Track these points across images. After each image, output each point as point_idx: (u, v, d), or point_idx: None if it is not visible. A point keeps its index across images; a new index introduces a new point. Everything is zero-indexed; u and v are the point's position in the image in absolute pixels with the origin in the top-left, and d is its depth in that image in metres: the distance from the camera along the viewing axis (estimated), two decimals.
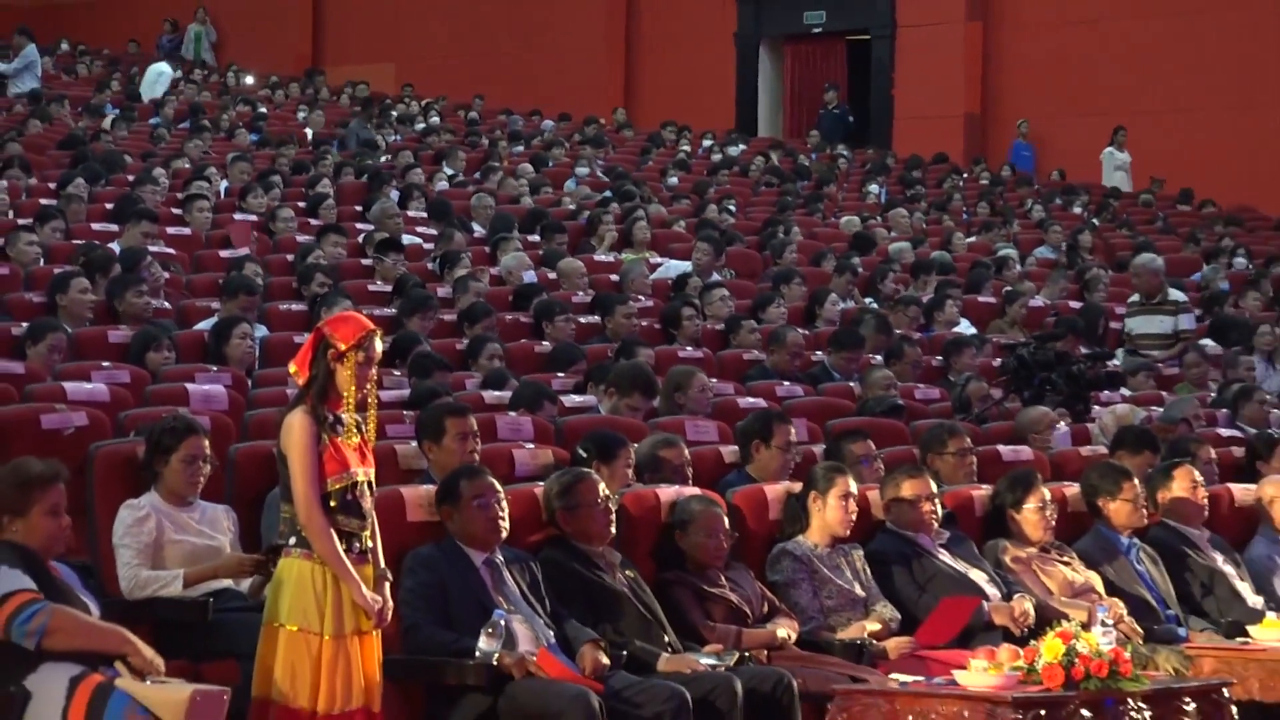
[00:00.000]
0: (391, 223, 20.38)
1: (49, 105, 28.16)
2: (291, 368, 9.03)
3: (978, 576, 11.11)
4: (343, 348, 8.82)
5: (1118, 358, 19.04)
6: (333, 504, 8.71)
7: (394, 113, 31.64)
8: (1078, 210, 31.01)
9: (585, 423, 12.38)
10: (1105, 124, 35.56)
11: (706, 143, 33.85)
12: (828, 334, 17.84)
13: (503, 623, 9.38)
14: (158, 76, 34.53)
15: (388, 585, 8.98)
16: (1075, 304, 21.80)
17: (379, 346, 8.95)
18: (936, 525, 11.20)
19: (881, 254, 23.67)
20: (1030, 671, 9.23)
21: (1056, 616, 10.53)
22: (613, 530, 10.18)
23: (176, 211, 20.06)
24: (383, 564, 8.96)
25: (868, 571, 10.94)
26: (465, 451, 10.69)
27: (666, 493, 10.79)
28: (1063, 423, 15.11)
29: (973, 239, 26.33)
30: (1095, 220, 30.01)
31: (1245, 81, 34.88)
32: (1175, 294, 21.12)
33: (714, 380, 14.78)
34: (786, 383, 15.79)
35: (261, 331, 15.07)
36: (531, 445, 11.81)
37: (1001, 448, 13.71)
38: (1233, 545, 12.30)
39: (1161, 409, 16.28)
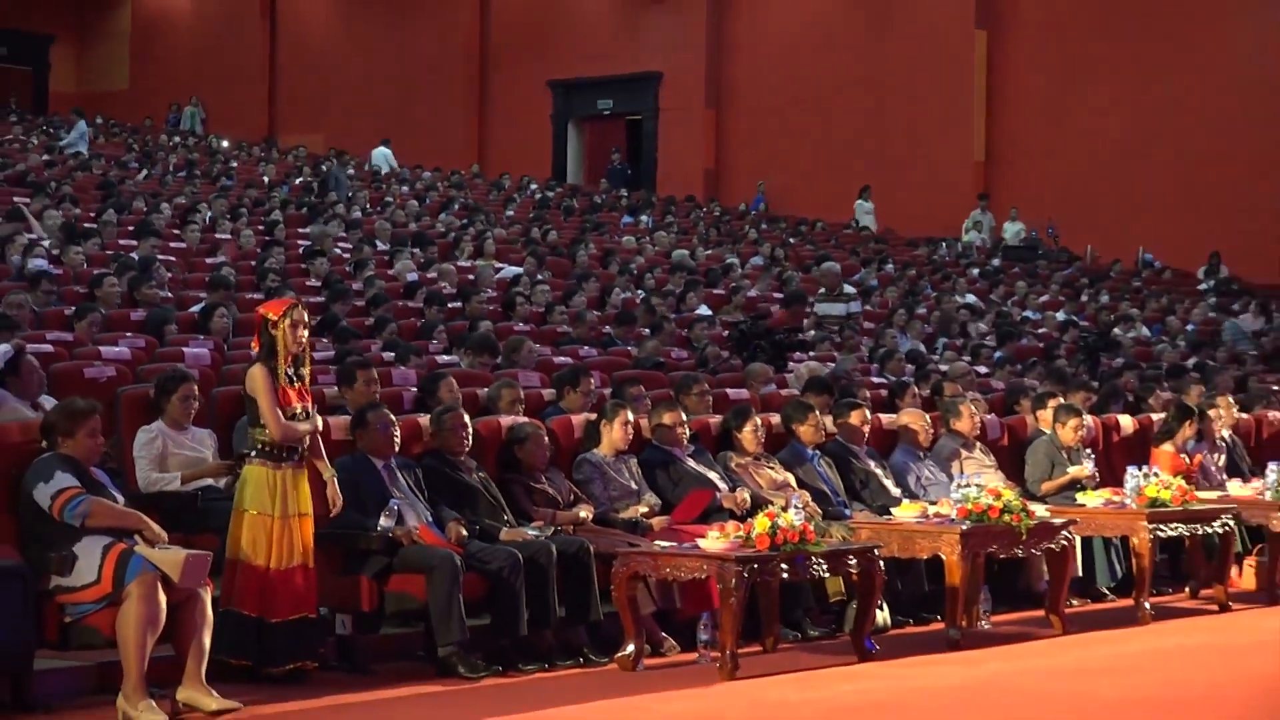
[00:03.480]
0: (324, 240, 20.28)
1: (91, 160, 27.80)
2: (253, 345, 9.06)
3: (713, 476, 11.12)
4: (274, 318, 8.85)
5: (804, 330, 19.18)
6: None
7: (324, 166, 31.29)
8: (776, 233, 31.14)
9: (452, 374, 12.32)
10: (799, 172, 36.04)
11: (532, 187, 33.74)
12: (613, 315, 17.88)
13: (396, 508, 9.37)
14: (384, 159, 34.42)
15: (335, 480, 9.01)
16: (778, 295, 21.91)
17: (303, 314, 8.96)
18: (685, 442, 11.23)
19: (653, 261, 23.76)
20: (747, 539, 9.27)
21: (765, 503, 10.58)
22: (469, 445, 10.17)
23: (176, 232, 19.88)
24: (330, 467, 9.07)
25: (640, 473, 10.94)
26: (369, 391, 10.67)
27: (505, 420, 10.77)
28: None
29: (709, 252, 26.35)
30: (791, 239, 30.16)
31: (887, 140, 35.31)
32: (848, 288, 21.29)
33: (538, 346, 14.76)
34: (586, 347, 15.79)
35: (234, 313, 14.94)
36: (414, 389, 11.80)
37: (729, 390, 13.75)
38: (881, 455, 12.38)
39: (834, 365, 16.42)
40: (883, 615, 10.83)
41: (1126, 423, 14.60)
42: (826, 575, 9.82)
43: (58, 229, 18.14)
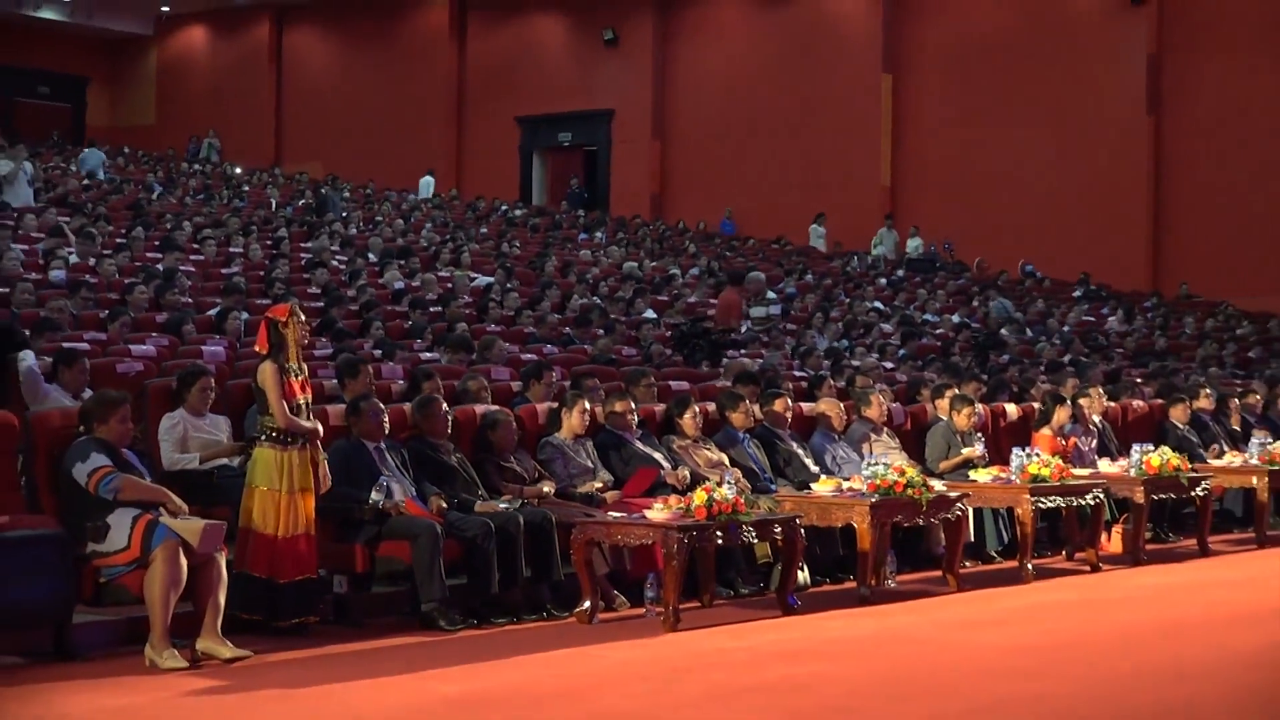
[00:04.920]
0: (322, 253, 20.21)
1: (121, 184, 27.63)
2: (256, 345, 9.03)
3: (658, 456, 11.12)
4: (283, 319, 8.85)
5: (739, 331, 19.19)
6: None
7: (322, 190, 31.14)
8: (711, 248, 31.11)
9: (434, 369, 12.30)
10: (731, 195, 36.05)
11: (503, 208, 33.66)
12: (572, 318, 17.86)
13: (385, 483, 9.35)
14: (428, 186, 34.31)
15: (325, 462, 8.96)
16: (713, 300, 21.90)
17: (300, 313, 8.95)
18: (634, 426, 11.22)
19: (607, 271, 23.74)
20: (687, 510, 9.27)
21: (702, 479, 10.58)
22: (449, 430, 10.15)
23: (196, 246, 19.78)
24: (322, 451, 8.97)
25: (595, 453, 10.93)
26: (368, 384, 10.65)
27: (479, 408, 10.76)
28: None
29: (654, 264, 26.36)
30: (727, 252, 30.16)
31: (808, 167, 35.39)
32: (771, 294, 21.34)
33: (507, 344, 14.74)
34: (549, 345, 15.77)
35: (245, 316, 14.87)
36: (401, 382, 11.79)
37: (672, 383, 13.76)
38: (802, 437, 12.39)
39: (762, 360, 16.43)
40: (803, 575, 10.84)
41: (1012, 410, 14.65)
42: (755, 541, 9.81)
43: (93, 244, 18.05)
